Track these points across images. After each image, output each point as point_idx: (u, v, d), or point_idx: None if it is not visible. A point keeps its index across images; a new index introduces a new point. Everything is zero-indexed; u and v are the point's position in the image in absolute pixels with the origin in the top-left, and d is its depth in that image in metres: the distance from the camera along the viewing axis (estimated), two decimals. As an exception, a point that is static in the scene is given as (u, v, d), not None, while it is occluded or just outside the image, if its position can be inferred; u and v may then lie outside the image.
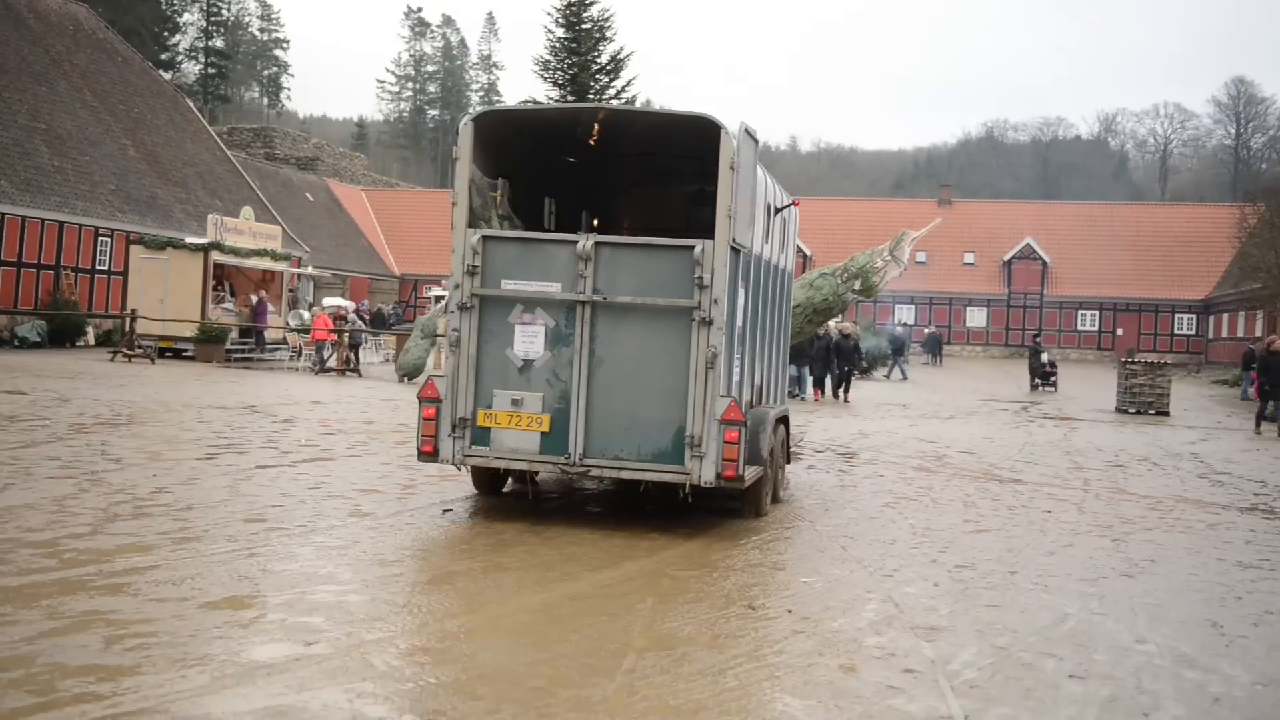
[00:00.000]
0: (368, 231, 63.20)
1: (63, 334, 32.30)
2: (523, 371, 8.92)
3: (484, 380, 8.97)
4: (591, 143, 10.26)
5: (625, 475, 8.79)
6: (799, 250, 58.26)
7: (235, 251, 30.47)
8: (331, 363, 28.13)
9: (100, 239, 35.46)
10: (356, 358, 27.76)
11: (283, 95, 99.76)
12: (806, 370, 25.11)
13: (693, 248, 8.71)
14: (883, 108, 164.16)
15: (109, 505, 8.77)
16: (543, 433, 8.86)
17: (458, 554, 7.81)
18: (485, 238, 8.98)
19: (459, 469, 9.72)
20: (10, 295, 32.48)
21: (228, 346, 29.38)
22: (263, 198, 44.16)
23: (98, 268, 35.52)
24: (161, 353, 28.67)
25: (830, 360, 25.24)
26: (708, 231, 9.06)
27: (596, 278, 8.86)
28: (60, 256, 33.90)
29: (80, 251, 34.78)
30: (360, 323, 29.31)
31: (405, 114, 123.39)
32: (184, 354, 29.42)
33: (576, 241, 8.88)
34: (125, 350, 27.01)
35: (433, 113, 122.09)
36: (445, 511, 9.26)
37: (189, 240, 30.58)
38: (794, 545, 8.82)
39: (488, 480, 9.97)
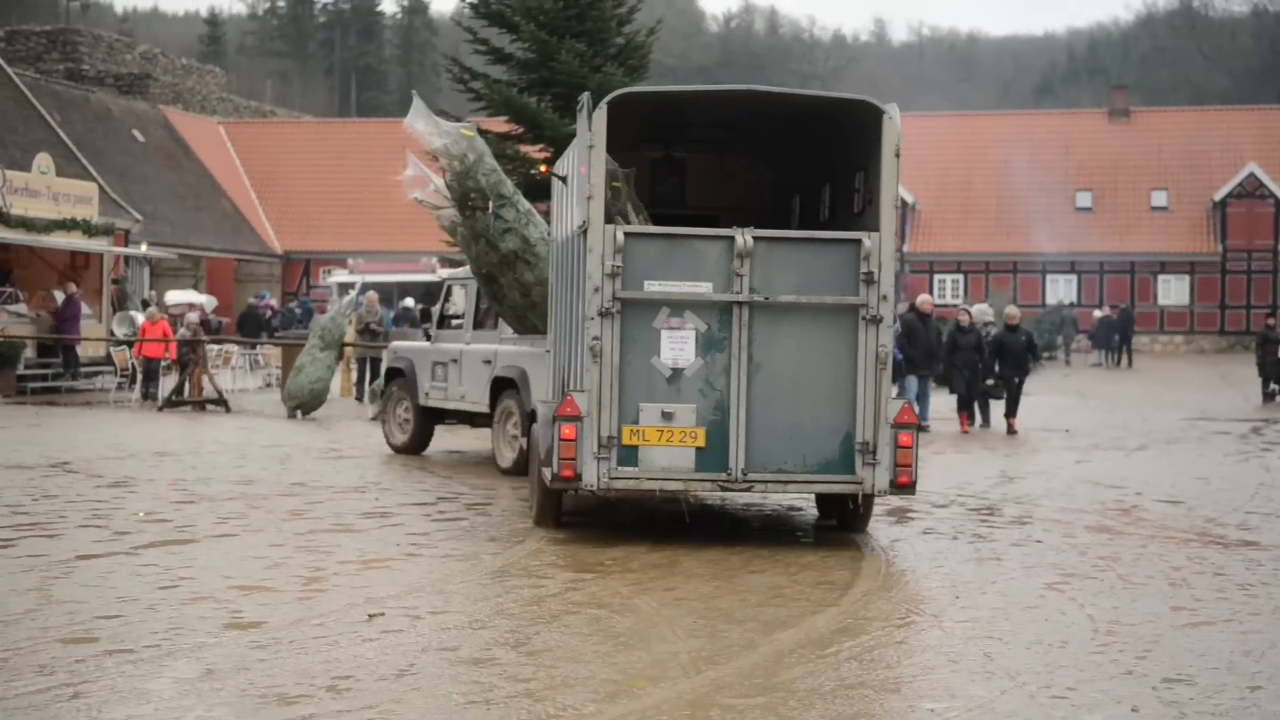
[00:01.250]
0: (231, 187, 63.53)
1: None
2: (671, 381, 11.87)
3: (628, 393, 11.78)
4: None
5: (793, 489, 12.20)
6: (901, 200, 58.64)
7: (27, 224, 30.71)
8: (182, 391, 28.30)
9: None
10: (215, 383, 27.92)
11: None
12: (927, 383, 24.79)
13: (859, 241, 11.86)
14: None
15: None
16: (698, 448, 11.83)
17: (396, 682, 7.90)
18: (629, 235, 11.78)
19: (605, 494, 12.22)
20: None
21: (20, 371, 29.61)
22: (66, 139, 44.45)
23: None
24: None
25: (978, 365, 25.00)
26: (778, 217, 12.67)
27: (753, 276, 11.84)
28: None
29: None
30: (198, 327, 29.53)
31: (279, 3, 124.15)
32: (-48, 385, 29.65)
33: (731, 237, 11.83)
34: None
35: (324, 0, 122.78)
36: (372, 617, 9.36)
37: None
38: (911, 652, 8.89)
39: (553, 506, 12.93)
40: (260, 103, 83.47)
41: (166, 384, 29.16)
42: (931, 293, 55.09)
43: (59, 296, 31.70)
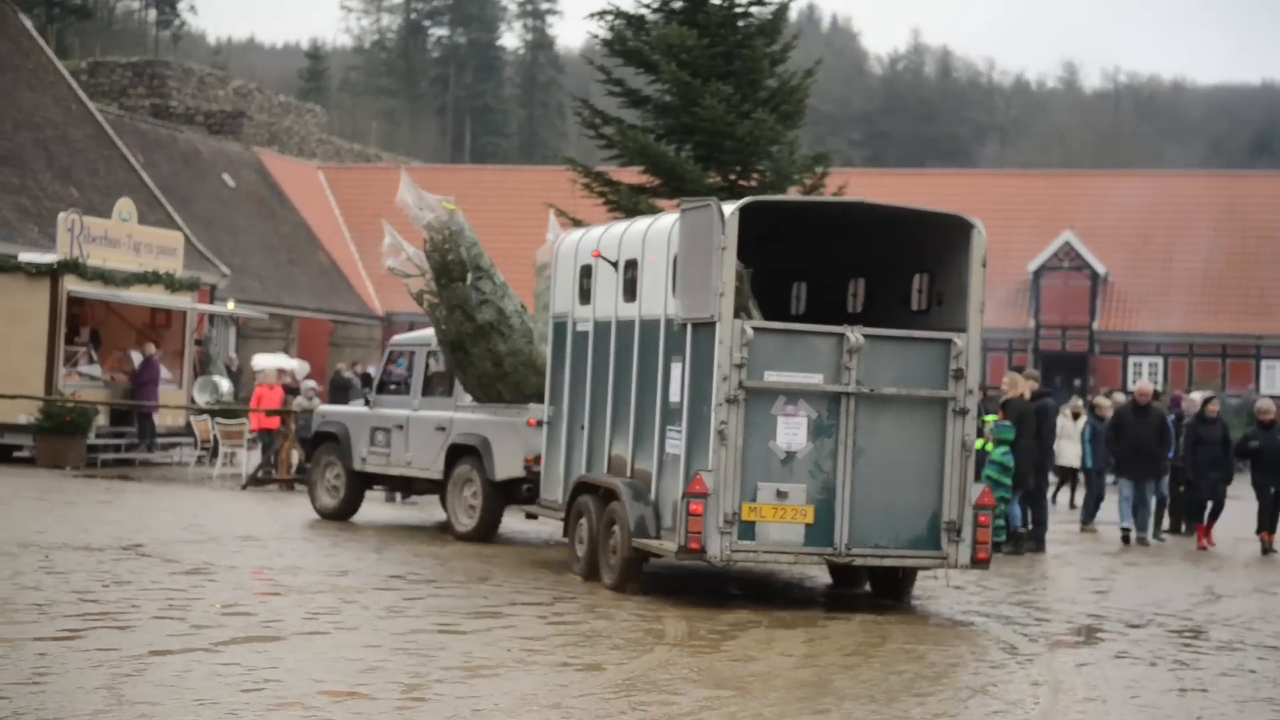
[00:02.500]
0: (329, 239, 64.44)
1: None
2: (785, 463, 14.74)
3: (748, 473, 14.59)
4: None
5: (888, 563, 15.32)
6: (1088, 269, 58.04)
7: (104, 277, 31.27)
8: (270, 468, 28.58)
9: (-123, 257, 36.60)
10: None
11: (181, 6, 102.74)
12: (1144, 489, 23.79)
13: (951, 341, 15.10)
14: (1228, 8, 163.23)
15: (-97, 717, 9.03)
16: (807, 524, 14.76)
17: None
18: (756, 329, 14.67)
19: (725, 565, 15.17)
20: None
21: (91, 440, 30.07)
22: (150, 183, 45.50)
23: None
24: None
25: (1225, 465, 24.00)
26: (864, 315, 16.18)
27: (859, 369, 14.83)
28: None
29: None
30: (314, 397, 29.72)
31: (389, 35, 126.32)
32: (14, 453, 30.16)
33: (842, 333, 14.88)
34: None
35: (438, 32, 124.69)
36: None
37: (25, 258, 31.54)
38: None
39: (635, 572, 15.73)
40: (364, 145, 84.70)
41: (250, 459, 29.44)
42: (1124, 379, 54.42)
43: (136, 358, 32.12)
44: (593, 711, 10.15)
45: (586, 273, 17.34)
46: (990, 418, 20.36)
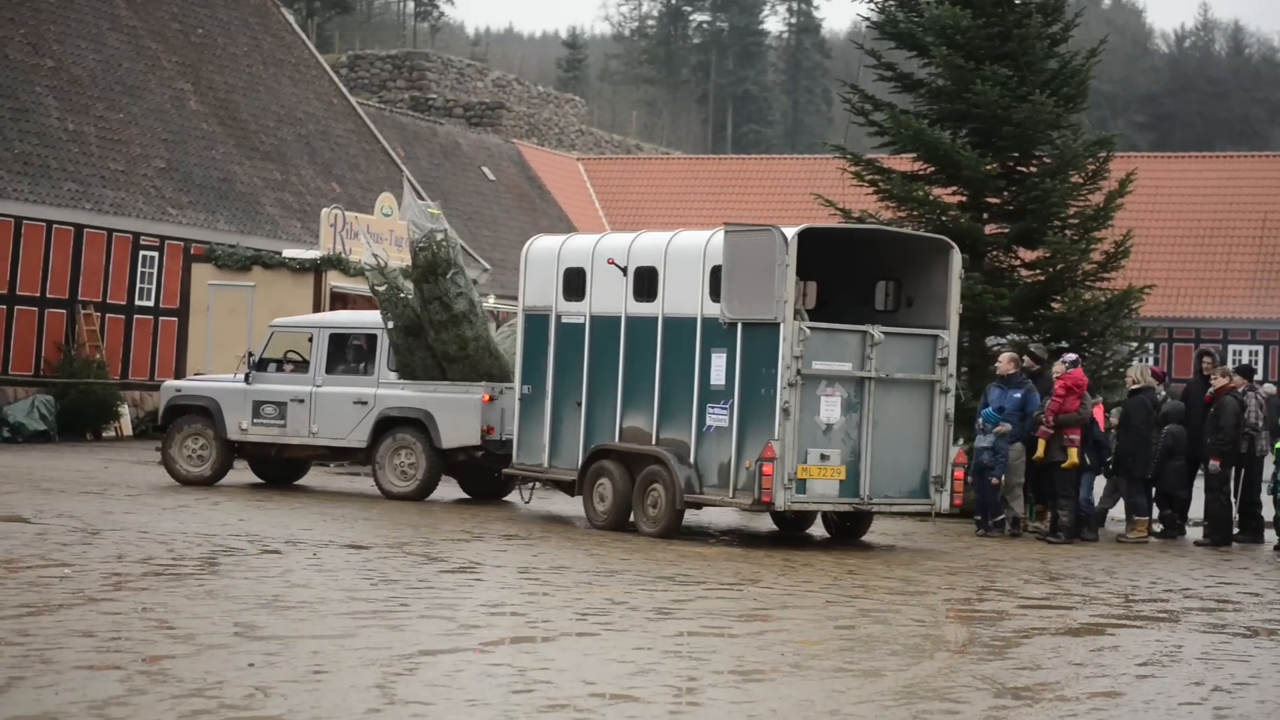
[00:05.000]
0: (590, 232, 65.10)
1: (81, 416, 34.65)
2: (825, 433, 19.53)
3: (802, 440, 19.30)
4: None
5: (895, 509, 20.80)
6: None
7: (367, 273, 31.94)
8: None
9: (142, 252, 38.04)
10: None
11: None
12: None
13: (938, 336, 20.30)
14: None
15: (179, 717, 9.34)
16: (840, 480, 19.64)
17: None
18: (811, 328, 19.31)
19: (786, 512, 20.15)
20: (-3, 352, 34.71)
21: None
22: (410, 178, 46.34)
23: (138, 302, 38.05)
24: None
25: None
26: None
27: (877, 358, 19.75)
28: (77, 283, 36.48)
29: (110, 275, 37.35)
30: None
31: (649, 22, 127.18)
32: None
33: (867, 331, 19.78)
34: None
35: (699, 18, 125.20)
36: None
37: (290, 255, 32.40)
38: None
39: (678, 522, 20.31)
40: (624, 136, 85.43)
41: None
42: None
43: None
44: (872, 719, 10.14)
45: (573, 274, 21.54)
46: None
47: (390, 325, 24.05)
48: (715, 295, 19.81)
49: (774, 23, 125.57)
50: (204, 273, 32.49)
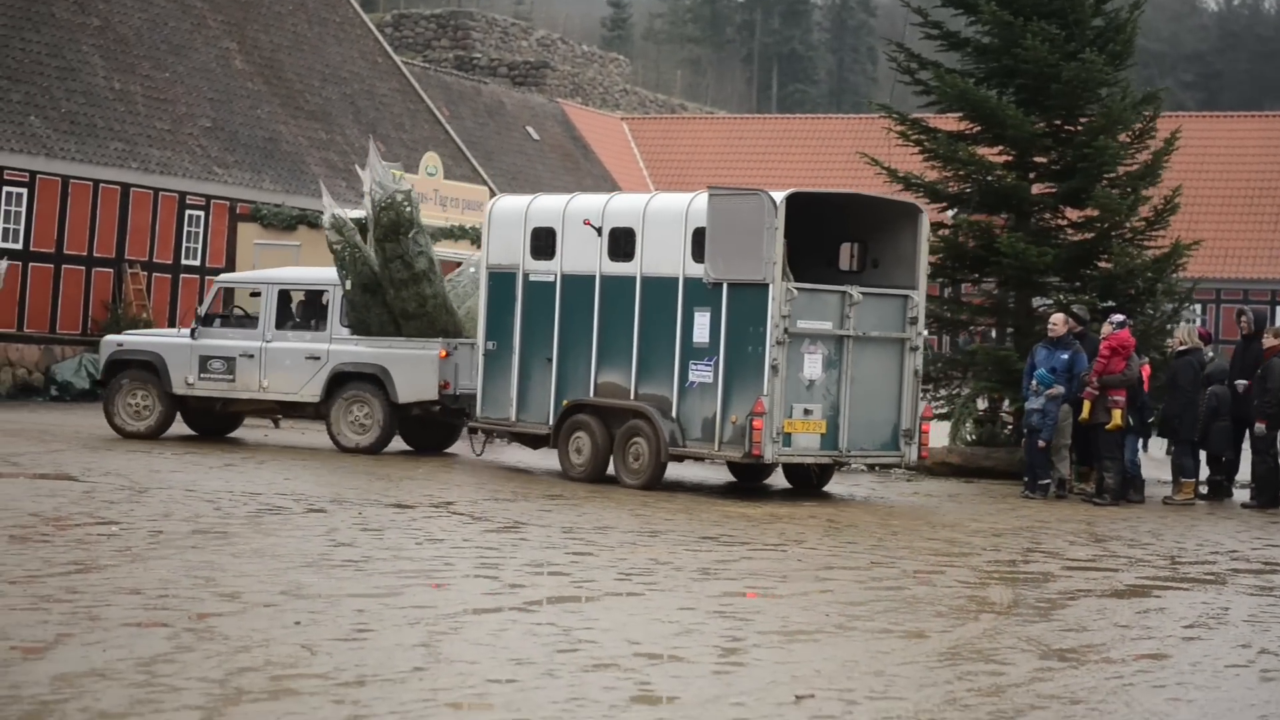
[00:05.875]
0: (635, 192, 65.13)
1: (128, 376, 34.78)
2: (808, 389, 20.33)
3: (787, 396, 20.03)
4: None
5: (869, 461, 21.91)
6: None
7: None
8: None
9: (188, 212, 38.26)
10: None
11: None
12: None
13: (908, 296, 21.17)
14: None
15: (226, 675, 9.39)
16: (821, 434, 20.51)
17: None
18: (797, 289, 20.12)
19: (773, 464, 20.84)
20: (45, 311, 35.13)
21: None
22: (455, 137, 46.47)
23: (184, 261, 38.26)
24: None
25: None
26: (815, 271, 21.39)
27: (854, 318, 20.48)
28: (124, 243, 36.71)
29: (156, 234, 37.55)
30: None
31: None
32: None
33: (846, 291, 20.62)
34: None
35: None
36: (800, 698, 9.41)
37: (336, 213, 32.42)
38: None
39: (661, 473, 20.96)
40: (669, 96, 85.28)
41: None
42: None
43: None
44: (916, 680, 10.15)
45: (542, 233, 22.15)
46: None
47: (348, 284, 24.46)
48: (698, 256, 20.46)
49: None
50: (250, 232, 32.69)
